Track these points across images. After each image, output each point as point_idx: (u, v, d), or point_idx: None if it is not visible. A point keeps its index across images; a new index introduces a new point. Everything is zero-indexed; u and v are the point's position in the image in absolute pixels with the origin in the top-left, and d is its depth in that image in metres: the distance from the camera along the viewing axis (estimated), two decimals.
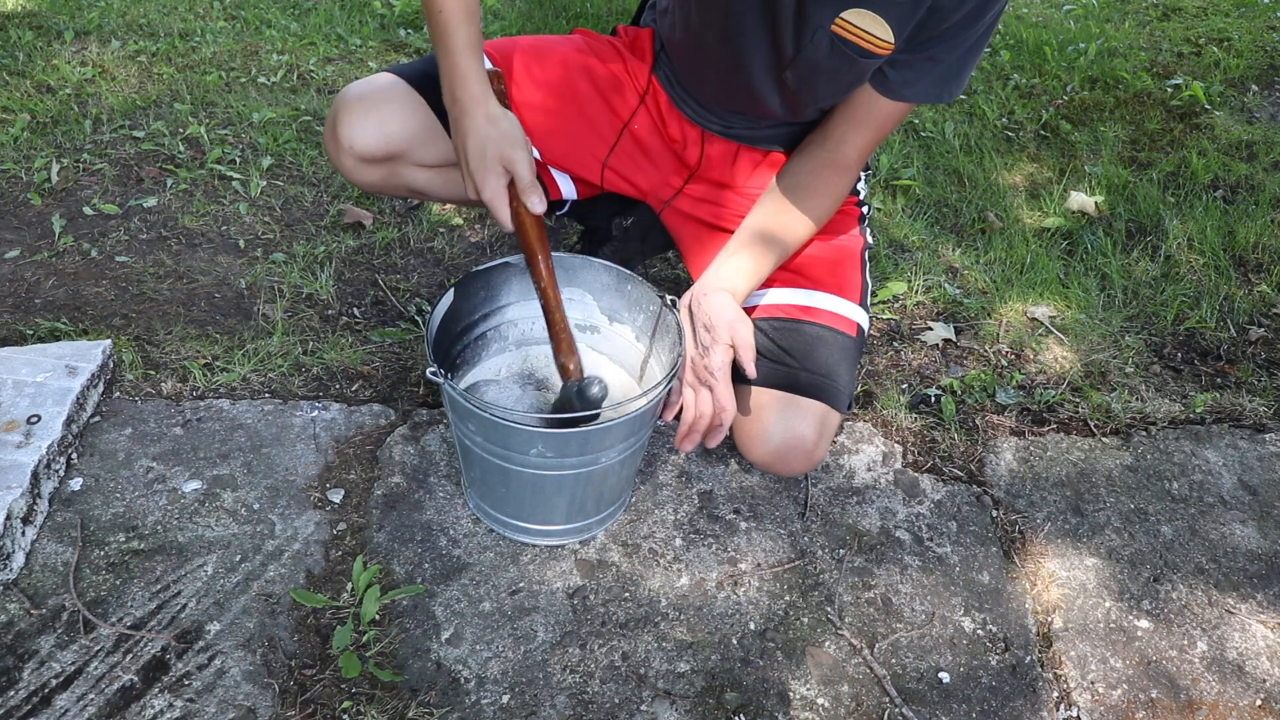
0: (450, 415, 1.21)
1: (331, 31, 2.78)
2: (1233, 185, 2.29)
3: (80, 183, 1.95)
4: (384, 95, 1.36)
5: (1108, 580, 1.32)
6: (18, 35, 2.52)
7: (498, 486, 1.22)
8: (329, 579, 1.21)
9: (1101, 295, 1.88)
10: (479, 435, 1.15)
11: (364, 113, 1.34)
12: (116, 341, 1.51)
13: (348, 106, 1.35)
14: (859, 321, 1.39)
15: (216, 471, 1.33)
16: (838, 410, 1.33)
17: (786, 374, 1.32)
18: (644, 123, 1.45)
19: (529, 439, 1.11)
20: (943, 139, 2.41)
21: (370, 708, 1.08)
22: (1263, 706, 1.18)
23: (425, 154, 1.38)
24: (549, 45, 1.44)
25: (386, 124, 1.35)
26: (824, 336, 1.34)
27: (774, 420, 1.30)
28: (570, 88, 1.42)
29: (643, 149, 1.46)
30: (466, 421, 1.16)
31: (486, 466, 1.19)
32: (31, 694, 1.05)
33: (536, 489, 1.19)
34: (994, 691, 1.17)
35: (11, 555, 1.16)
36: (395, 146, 1.36)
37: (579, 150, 1.44)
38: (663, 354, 1.32)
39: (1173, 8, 3.45)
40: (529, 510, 1.24)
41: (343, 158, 1.37)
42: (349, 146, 1.35)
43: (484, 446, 1.16)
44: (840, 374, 1.33)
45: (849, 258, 1.44)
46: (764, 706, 1.13)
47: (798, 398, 1.30)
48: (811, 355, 1.32)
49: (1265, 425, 1.59)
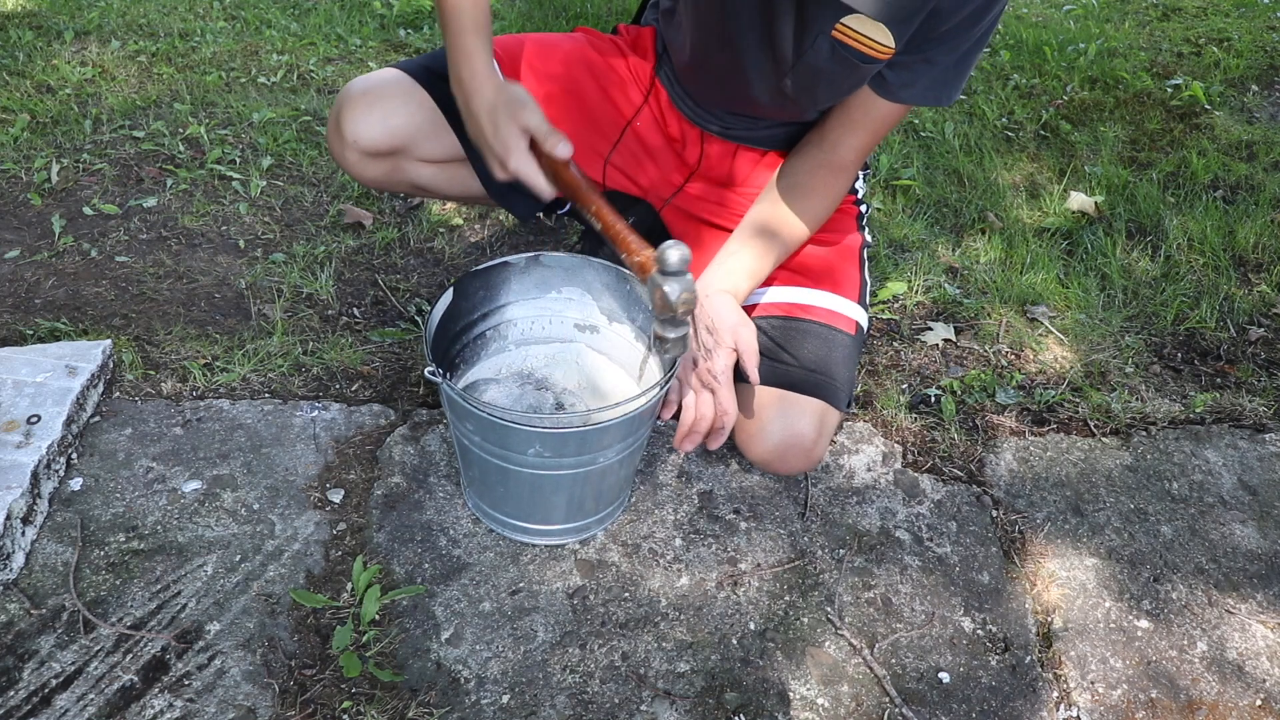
0: (449, 415, 1.21)
1: (331, 31, 2.79)
2: (1233, 185, 2.29)
3: (80, 183, 1.95)
4: (388, 89, 1.36)
5: (1108, 580, 1.32)
6: (18, 35, 2.52)
7: (496, 486, 1.22)
8: (329, 579, 1.21)
9: (1101, 295, 1.88)
10: (477, 435, 1.15)
11: (368, 107, 1.34)
12: (116, 341, 1.51)
13: (351, 101, 1.35)
14: (858, 320, 1.39)
15: (216, 471, 1.33)
16: (837, 408, 1.33)
17: (785, 372, 1.32)
18: (646, 120, 1.45)
19: (527, 439, 1.11)
20: (942, 139, 2.41)
21: (370, 708, 1.08)
22: (1262, 706, 1.18)
23: (429, 149, 1.38)
24: (553, 42, 1.44)
25: (390, 118, 1.35)
26: (823, 334, 1.34)
27: (773, 418, 1.30)
28: (575, 85, 1.42)
29: (645, 146, 1.46)
30: (465, 421, 1.16)
31: (485, 466, 1.19)
32: (31, 694, 1.05)
33: (535, 488, 1.19)
34: (994, 691, 1.17)
35: (11, 555, 1.16)
36: (399, 140, 1.36)
37: (582, 147, 1.44)
38: None
39: (1173, 8, 3.45)
40: (528, 510, 1.24)
41: (346, 152, 1.36)
42: (353, 140, 1.34)
43: (482, 446, 1.16)
44: (839, 372, 1.33)
45: (848, 256, 1.44)
46: (764, 706, 1.13)
47: (796, 396, 1.30)
48: (810, 353, 1.32)
49: (1265, 425, 1.59)
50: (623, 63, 1.45)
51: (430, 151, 1.39)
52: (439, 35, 2.84)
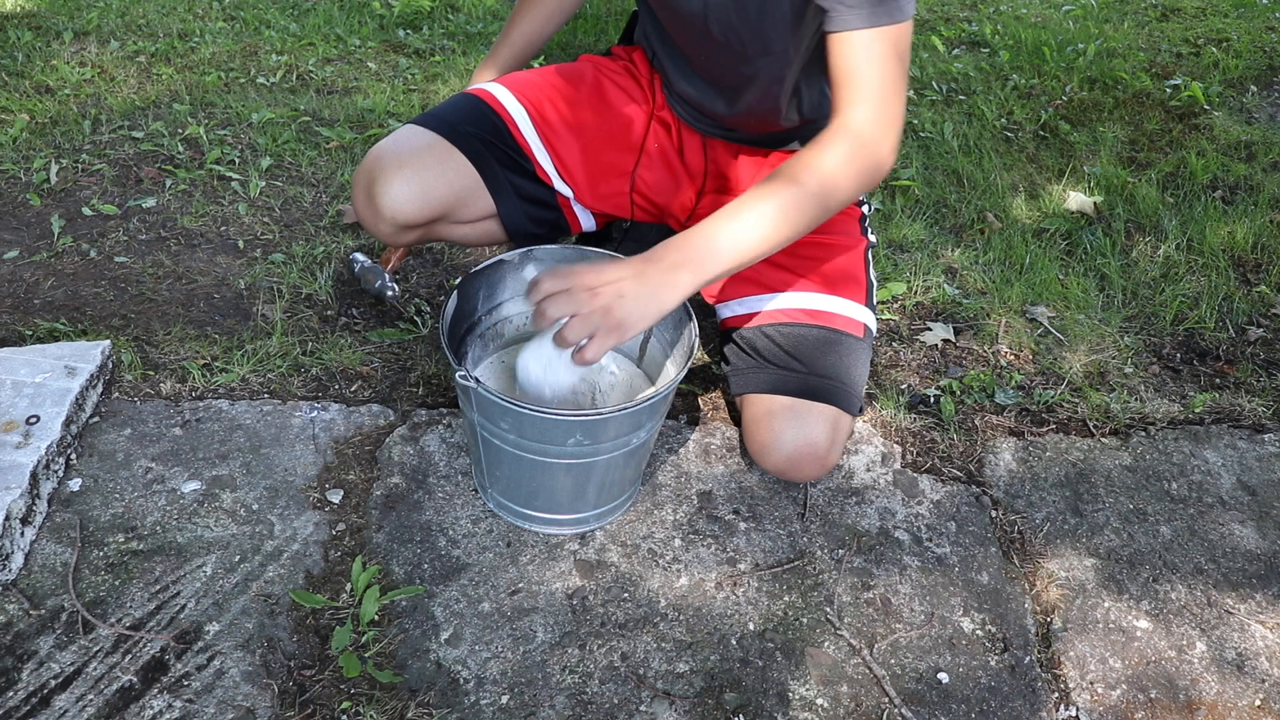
0: (473, 416, 1.20)
1: (330, 32, 2.79)
2: (1232, 185, 2.29)
3: (79, 183, 1.95)
4: (424, 158, 1.32)
5: (1107, 580, 1.32)
6: (17, 36, 2.52)
7: (528, 482, 1.23)
8: (328, 579, 1.21)
9: (1100, 295, 1.88)
10: (513, 433, 1.15)
11: (405, 180, 1.30)
12: (115, 342, 1.51)
13: (386, 172, 1.30)
14: (866, 322, 1.39)
15: (215, 472, 1.33)
16: (849, 413, 1.33)
17: (796, 379, 1.31)
18: (659, 137, 1.47)
19: (568, 429, 1.12)
20: (942, 139, 2.41)
21: (369, 708, 1.08)
22: (1262, 706, 1.18)
23: (466, 213, 1.38)
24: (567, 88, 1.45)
25: (431, 192, 1.32)
26: (832, 339, 1.34)
27: (785, 427, 1.30)
28: (591, 113, 1.44)
29: (664, 164, 1.47)
30: (499, 421, 1.15)
31: (519, 463, 1.20)
32: (30, 694, 1.05)
33: (575, 476, 1.21)
34: (993, 692, 1.17)
35: (10, 556, 1.16)
36: (438, 212, 1.35)
37: (606, 169, 1.45)
38: (665, 332, 1.33)
39: (1172, 8, 3.45)
40: (560, 501, 1.25)
41: (380, 225, 1.34)
42: (390, 216, 1.32)
43: (518, 444, 1.17)
44: (850, 376, 1.33)
45: (854, 259, 1.44)
46: (763, 707, 1.13)
47: (808, 403, 1.30)
48: (820, 359, 1.32)
49: (1264, 425, 1.59)
50: (629, 82, 1.46)
51: (467, 215, 1.39)
52: (438, 36, 2.84)
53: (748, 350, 1.37)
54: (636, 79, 1.47)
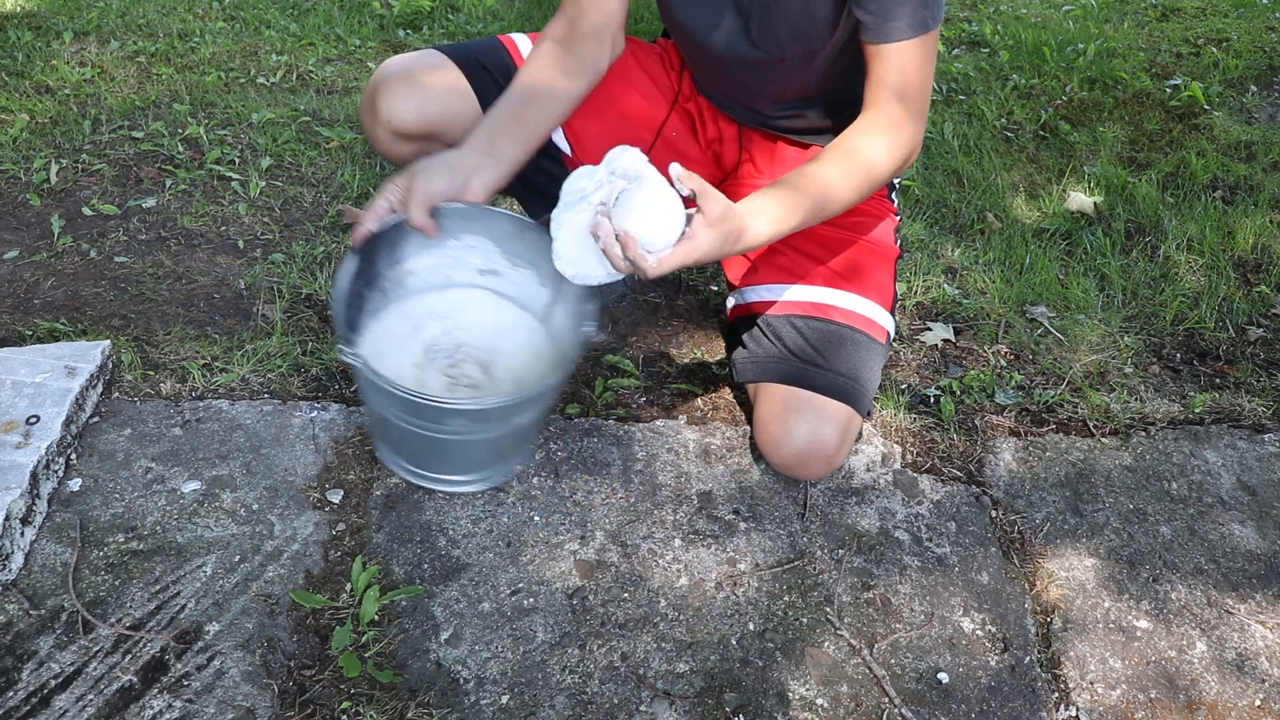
0: (363, 389, 1.23)
1: (330, 32, 2.79)
2: (1231, 186, 2.29)
3: (79, 183, 1.95)
4: (428, 73, 1.35)
5: (1107, 580, 1.32)
6: (16, 36, 2.52)
7: (418, 448, 1.28)
8: (328, 579, 1.21)
9: (1100, 295, 1.88)
10: (398, 410, 1.19)
11: (405, 89, 1.34)
12: (115, 342, 1.51)
13: (389, 80, 1.34)
14: (888, 328, 1.40)
15: (215, 472, 1.33)
16: (861, 414, 1.34)
17: (815, 374, 1.32)
18: (680, 127, 1.46)
19: (452, 414, 1.17)
20: (942, 139, 2.41)
21: (369, 708, 1.08)
22: (1262, 706, 1.18)
23: (462, 137, 1.38)
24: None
25: (428, 104, 1.34)
26: (855, 339, 1.35)
27: (798, 422, 1.30)
28: (613, 95, 1.43)
29: (677, 154, 1.46)
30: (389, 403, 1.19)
31: (405, 433, 1.24)
32: (30, 694, 1.05)
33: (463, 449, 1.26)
34: (993, 692, 1.17)
35: (10, 556, 1.16)
36: (433, 126, 1.36)
37: None
38: (569, 303, 1.30)
39: (1172, 8, 3.45)
40: (450, 465, 1.31)
41: (378, 130, 1.36)
42: (386, 120, 1.34)
43: (403, 418, 1.20)
44: (867, 378, 1.34)
45: (885, 264, 1.44)
46: (763, 707, 1.13)
47: (824, 400, 1.31)
48: (841, 356, 1.33)
49: (1264, 425, 1.59)
50: (659, 70, 1.47)
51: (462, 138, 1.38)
52: (438, 36, 2.84)
53: (771, 338, 1.36)
54: (666, 68, 1.47)
